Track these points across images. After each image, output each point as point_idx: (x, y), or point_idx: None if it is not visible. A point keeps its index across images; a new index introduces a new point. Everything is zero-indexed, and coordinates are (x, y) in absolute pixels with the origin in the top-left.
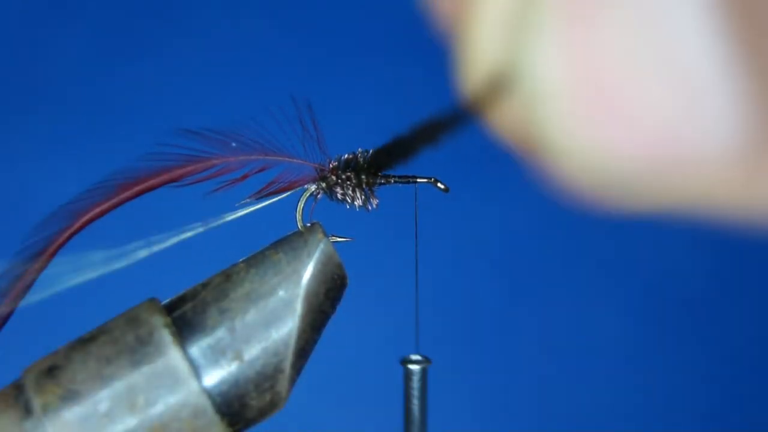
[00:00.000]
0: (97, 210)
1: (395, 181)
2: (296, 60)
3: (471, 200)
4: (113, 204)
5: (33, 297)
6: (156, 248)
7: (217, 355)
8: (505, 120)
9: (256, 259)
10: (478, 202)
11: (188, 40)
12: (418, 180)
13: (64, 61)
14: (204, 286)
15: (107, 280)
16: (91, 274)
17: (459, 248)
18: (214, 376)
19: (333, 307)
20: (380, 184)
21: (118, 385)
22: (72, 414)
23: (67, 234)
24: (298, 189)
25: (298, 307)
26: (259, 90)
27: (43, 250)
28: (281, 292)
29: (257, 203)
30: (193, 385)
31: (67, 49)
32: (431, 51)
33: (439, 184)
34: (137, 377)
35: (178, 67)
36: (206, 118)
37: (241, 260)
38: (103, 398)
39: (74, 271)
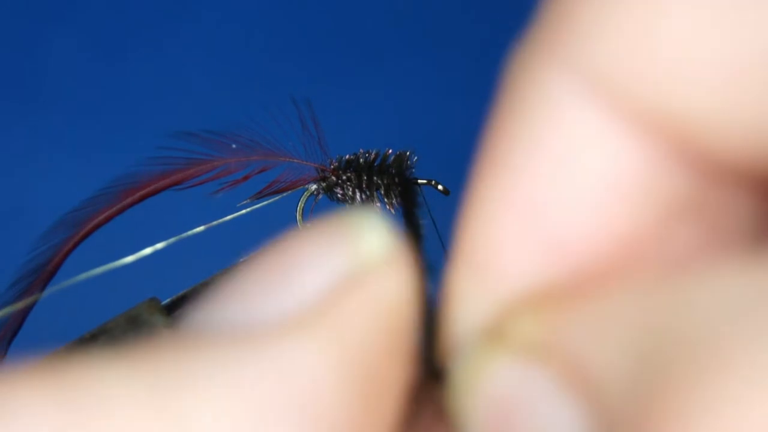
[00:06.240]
0: (101, 217)
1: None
2: (297, 60)
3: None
4: (117, 210)
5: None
6: (156, 248)
7: None
8: None
9: None
10: None
11: (187, 40)
12: (418, 182)
13: (63, 64)
14: (204, 285)
15: (107, 280)
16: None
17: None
18: None
19: None
20: (380, 184)
21: None
22: None
23: (72, 242)
24: (298, 189)
25: None
26: (259, 90)
27: (49, 260)
28: None
29: (258, 203)
30: None
31: (66, 52)
32: (432, 50)
33: (439, 186)
34: None
35: (178, 69)
36: (207, 120)
37: (241, 260)
38: None
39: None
